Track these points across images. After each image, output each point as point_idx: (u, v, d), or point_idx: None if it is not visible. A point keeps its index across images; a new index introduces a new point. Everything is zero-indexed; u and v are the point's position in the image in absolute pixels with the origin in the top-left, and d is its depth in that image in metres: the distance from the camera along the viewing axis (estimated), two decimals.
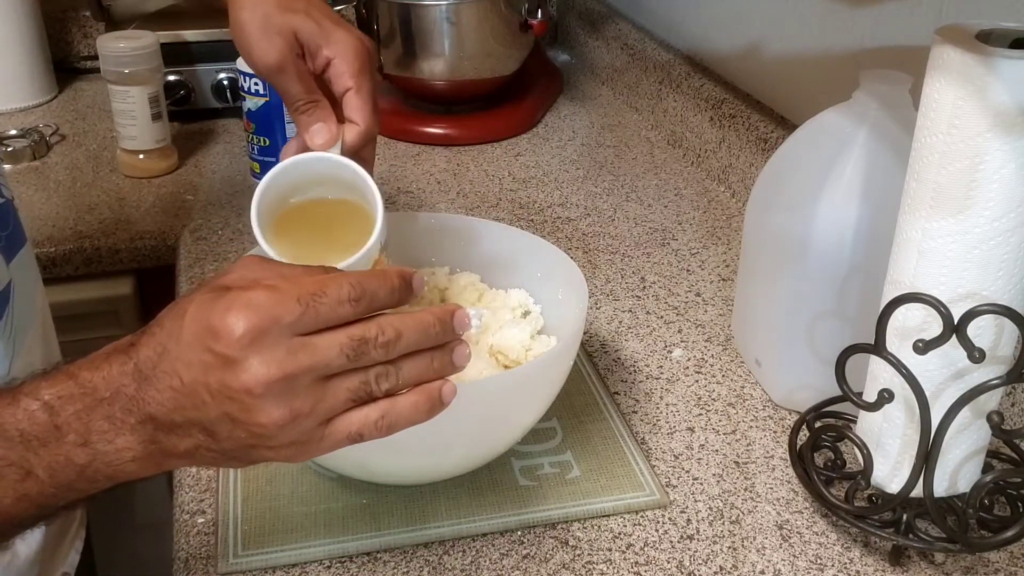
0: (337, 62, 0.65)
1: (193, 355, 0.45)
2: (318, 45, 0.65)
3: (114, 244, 1.04)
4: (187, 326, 0.46)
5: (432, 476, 0.68)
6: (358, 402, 0.48)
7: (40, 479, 0.46)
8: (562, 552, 0.64)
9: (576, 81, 1.50)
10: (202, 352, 0.45)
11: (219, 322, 0.45)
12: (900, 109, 0.68)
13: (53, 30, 1.45)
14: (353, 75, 0.65)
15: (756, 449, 0.74)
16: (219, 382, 0.45)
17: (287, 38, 0.65)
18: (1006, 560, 0.64)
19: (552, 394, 0.68)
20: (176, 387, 0.46)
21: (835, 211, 0.69)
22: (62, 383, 0.47)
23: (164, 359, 0.46)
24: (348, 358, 0.46)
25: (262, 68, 0.66)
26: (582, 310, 0.69)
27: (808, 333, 0.73)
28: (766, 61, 1.10)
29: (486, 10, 1.21)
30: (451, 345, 0.50)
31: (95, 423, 0.46)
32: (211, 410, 0.46)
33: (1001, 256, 0.56)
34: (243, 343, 0.44)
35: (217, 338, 0.45)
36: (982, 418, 0.60)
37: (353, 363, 0.47)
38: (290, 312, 0.45)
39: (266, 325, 0.45)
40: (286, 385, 0.45)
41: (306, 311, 0.45)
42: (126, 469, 0.47)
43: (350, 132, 0.65)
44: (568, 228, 1.06)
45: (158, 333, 0.47)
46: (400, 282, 0.49)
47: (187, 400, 0.46)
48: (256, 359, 0.45)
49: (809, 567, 0.63)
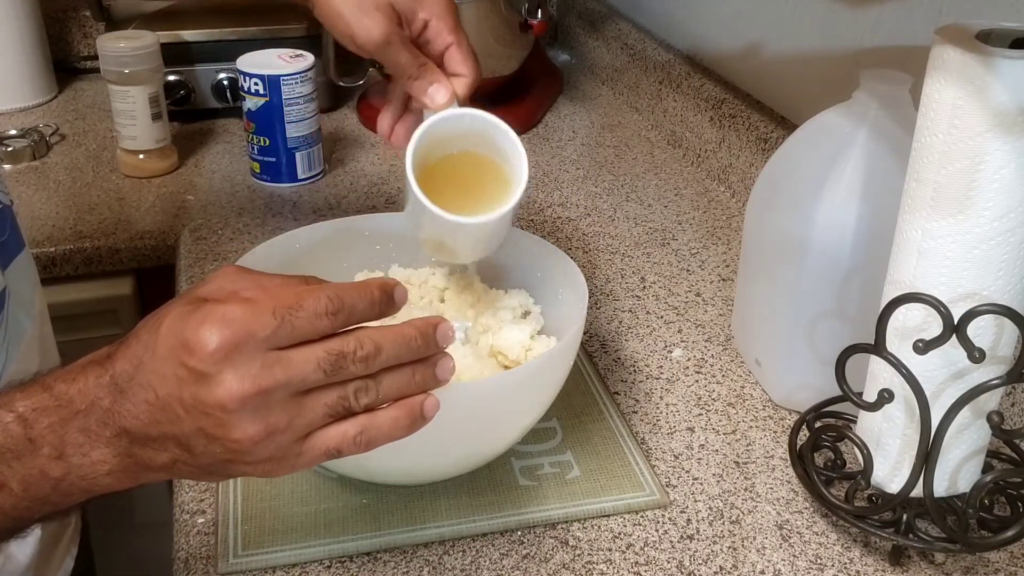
0: (434, 22, 0.68)
1: (167, 369, 0.44)
2: (413, 10, 0.67)
3: (114, 244, 1.04)
4: (162, 339, 0.45)
5: (432, 476, 0.68)
6: (336, 417, 0.47)
7: (14, 492, 0.46)
8: (562, 552, 0.64)
9: (576, 81, 1.50)
10: (176, 366, 0.44)
11: (192, 336, 0.44)
12: (900, 109, 0.68)
13: (53, 30, 1.46)
14: (451, 31, 0.68)
15: (756, 449, 0.74)
16: (193, 397, 0.44)
17: (386, 11, 0.66)
18: (1006, 560, 0.64)
19: (552, 394, 0.68)
20: (151, 401, 0.45)
21: (835, 211, 0.69)
22: (37, 395, 0.46)
23: (140, 372, 0.45)
24: (325, 373, 0.46)
25: (370, 46, 0.66)
26: (582, 310, 0.69)
27: (808, 333, 0.73)
28: (766, 61, 1.10)
29: (486, 10, 1.21)
30: (434, 358, 0.49)
31: (70, 436, 0.45)
32: (186, 425, 0.45)
33: (1001, 256, 0.56)
34: (216, 357, 0.44)
35: (191, 352, 0.44)
36: (982, 418, 0.60)
37: (330, 377, 0.46)
38: (265, 326, 0.44)
39: (240, 339, 0.44)
40: (261, 400, 0.44)
41: (281, 324, 0.45)
42: (101, 482, 0.47)
43: (459, 84, 0.68)
44: (568, 228, 1.06)
45: (134, 345, 0.46)
46: (381, 294, 0.48)
47: (162, 415, 0.45)
48: (230, 374, 0.44)
49: (809, 567, 0.63)
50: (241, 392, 0.44)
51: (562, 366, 0.67)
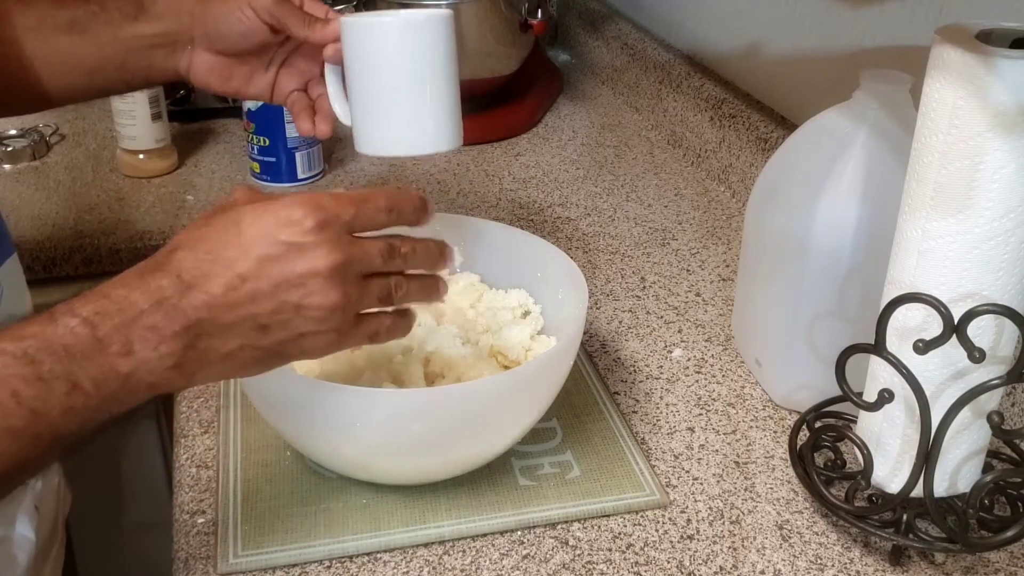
0: None
1: (257, 250, 0.51)
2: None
3: (114, 244, 1.03)
4: (248, 228, 0.51)
5: (432, 476, 0.68)
6: (382, 303, 0.56)
7: (86, 391, 0.48)
8: (562, 552, 0.64)
9: (576, 81, 1.50)
10: (268, 246, 0.51)
11: (288, 214, 0.51)
12: (900, 109, 0.68)
13: None
14: None
15: (756, 449, 0.74)
16: (286, 271, 0.51)
17: None
18: (1006, 560, 0.64)
19: (552, 394, 0.68)
20: (233, 285, 0.50)
21: (835, 211, 0.69)
22: (96, 301, 0.49)
23: (215, 264, 0.50)
24: (383, 259, 0.55)
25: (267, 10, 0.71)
26: (582, 310, 0.69)
27: (808, 333, 0.73)
28: (766, 61, 1.10)
29: (486, 10, 1.21)
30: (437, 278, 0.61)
31: (136, 333, 0.49)
32: (269, 302, 0.51)
33: (1001, 256, 0.56)
34: (313, 231, 0.51)
35: (288, 227, 0.51)
36: (982, 418, 0.60)
37: (385, 266, 0.55)
38: (347, 211, 0.53)
39: (330, 218, 0.52)
40: (342, 272, 0.52)
41: (358, 212, 0.54)
42: (165, 377, 0.50)
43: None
44: (568, 228, 1.06)
45: (199, 247, 0.51)
46: (420, 203, 0.58)
47: (243, 296, 0.51)
48: (324, 246, 0.52)
49: (809, 567, 0.63)
50: (333, 261, 0.52)
51: (562, 366, 0.67)
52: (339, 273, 0.52)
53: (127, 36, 0.73)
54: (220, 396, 0.77)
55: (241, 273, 0.50)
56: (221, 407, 0.76)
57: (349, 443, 0.64)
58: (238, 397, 0.77)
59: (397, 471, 0.67)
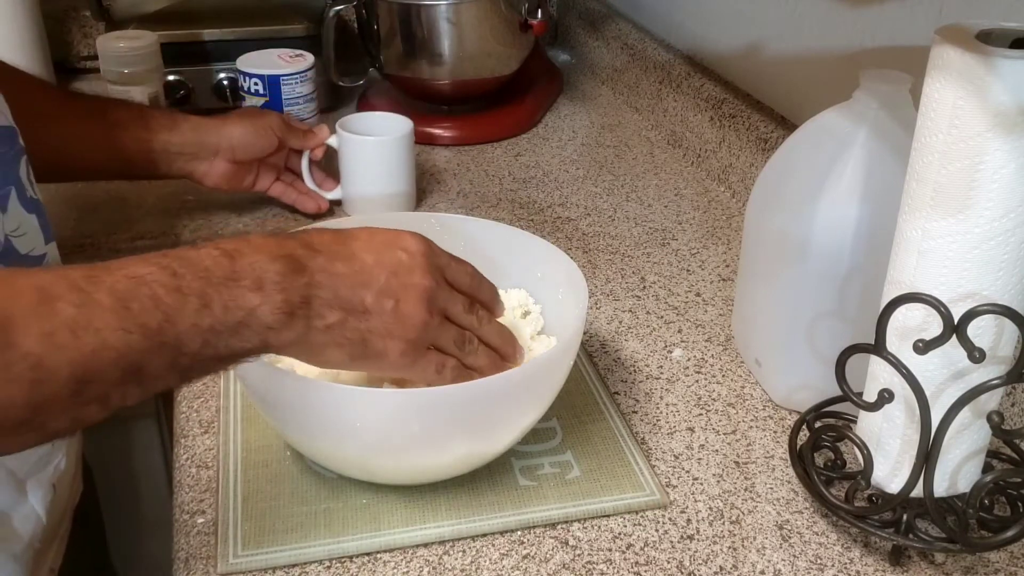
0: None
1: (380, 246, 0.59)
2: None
3: (114, 244, 1.03)
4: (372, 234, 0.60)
5: (432, 476, 0.68)
6: (455, 345, 0.63)
7: (215, 314, 0.51)
8: (562, 552, 0.64)
9: (576, 81, 1.50)
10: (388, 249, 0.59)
11: (399, 238, 0.60)
12: (900, 109, 0.68)
13: (53, 30, 1.45)
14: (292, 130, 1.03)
15: (756, 449, 0.74)
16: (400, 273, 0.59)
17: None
18: (1006, 560, 0.64)
19: (552, 394, 0.68)
20: (354, 266, 0.58)
21: (835, 211, 0.69)
22: (237, 241, 0.55)
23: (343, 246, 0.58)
24: (463, 308, 0.63)
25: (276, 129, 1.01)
26: (582, 310, 0.69)
27: (808, 333, 0.73)
28: (766, 61, 1.10)
29: (486, 10, 1.21)
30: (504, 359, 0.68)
31: (269, 274, 0.54)
32: (377, 289, 0.58)
33: (1001, 256, 0.56)
34: (421, 256, 0.60)
35: (404, 243, 0.60)
36: (982, 418, 0.60)
37: (463, 316, 0.63)
38: (444, 257, 0.63)
39: (433, 254, 0.61)
40: (433, 297, 0.60)
41: (450, 263, 0.63)
42: (281, 322, 0.54)
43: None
44: (568, 228, 1.06)
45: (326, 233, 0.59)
46: (495, 297, 0.67)
47: (366, 277, 0.58)
48: (427, 270, 0.60)
49: (809, 567, 0.63)
50: (428, 282, 0.60)
51: (562, 366, 0.67)
52: (429, 297, 0.60)
53: (160, 141, 0.92)
54: (220, 396, 0.77)
55: (363, 259, 0.58)
56: (221, 407, 0.76)
57: (349, 443, 0.64)
58: (238, 397, 0.77)
59: (397, 471, 0.67)
